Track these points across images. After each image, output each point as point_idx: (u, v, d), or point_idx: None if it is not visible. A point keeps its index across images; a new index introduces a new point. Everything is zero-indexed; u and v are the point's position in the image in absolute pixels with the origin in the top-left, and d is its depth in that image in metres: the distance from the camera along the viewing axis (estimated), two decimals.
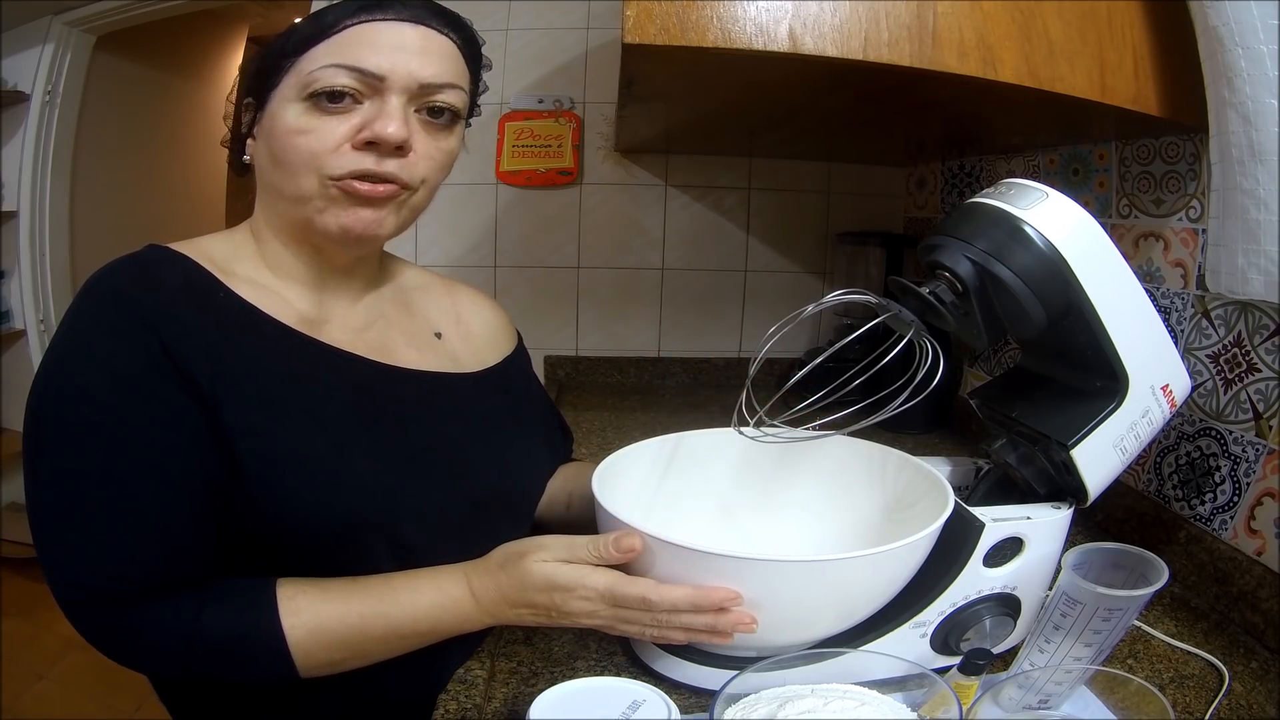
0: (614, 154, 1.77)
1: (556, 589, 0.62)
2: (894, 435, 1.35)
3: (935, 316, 0.65)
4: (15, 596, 2.22)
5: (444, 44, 0.68)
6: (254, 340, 0.66)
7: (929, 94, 0.91)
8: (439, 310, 0.85)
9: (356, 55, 0.63)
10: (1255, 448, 0.84)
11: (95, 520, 0.58)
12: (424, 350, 0.79)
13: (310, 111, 0.64)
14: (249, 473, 0.61)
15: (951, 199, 1.59)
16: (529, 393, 0.91)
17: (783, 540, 0.81)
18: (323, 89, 0.63)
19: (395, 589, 0.65)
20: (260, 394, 0.64)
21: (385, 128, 0.63)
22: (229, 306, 0.66)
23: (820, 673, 0.61)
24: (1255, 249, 0.70)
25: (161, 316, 0.60)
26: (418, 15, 0.66)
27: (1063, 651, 0.61)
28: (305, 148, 0.64)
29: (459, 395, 0.79)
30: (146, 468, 0.59)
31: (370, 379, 0.72)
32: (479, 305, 0.90)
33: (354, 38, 0.64)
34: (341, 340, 0.72)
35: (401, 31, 0.65)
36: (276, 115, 0.66)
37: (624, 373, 1.85)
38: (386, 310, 0.79)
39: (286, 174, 0.66)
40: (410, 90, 0.65)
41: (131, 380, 0.59)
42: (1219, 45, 0.70)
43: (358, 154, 0.64)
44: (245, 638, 0.61)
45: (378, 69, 0.64)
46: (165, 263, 0.66)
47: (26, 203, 2.56)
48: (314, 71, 0.63)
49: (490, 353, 0.86)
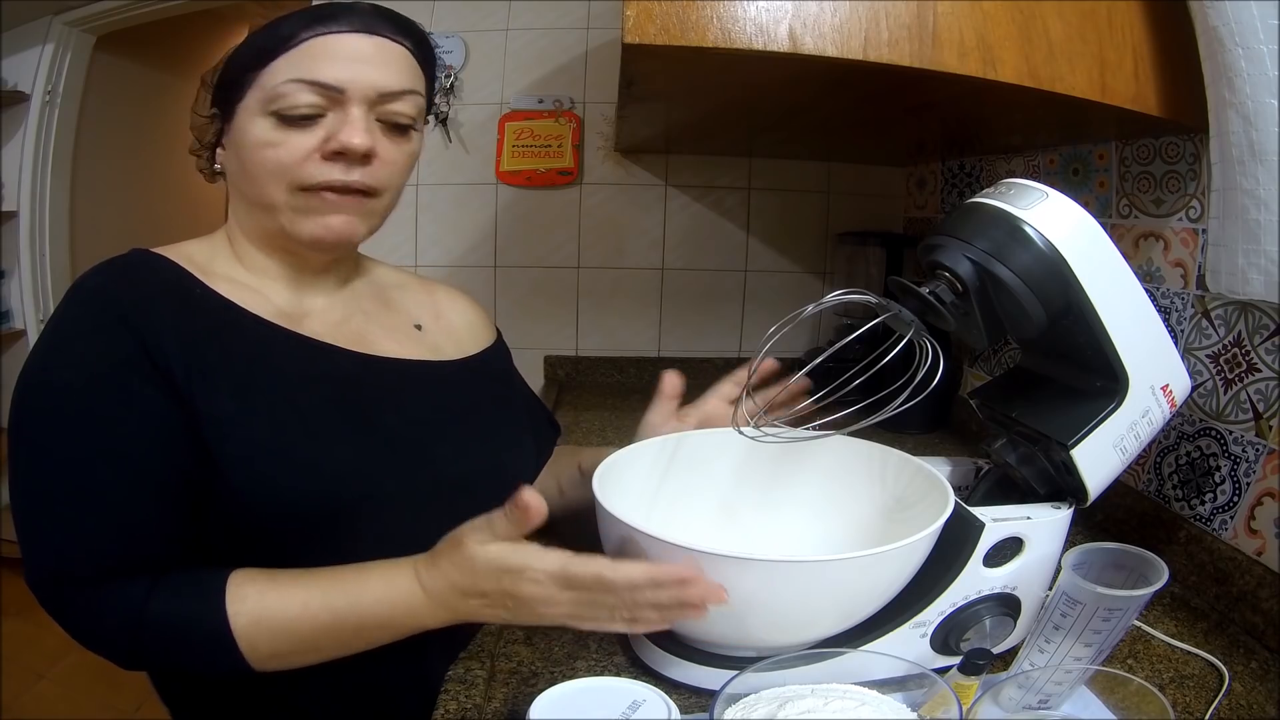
0: (614, 154, 1.77)
1: (504, 572, 0.59)
2: (894, 435, 1.35)
3: (935, 316, 0.65)
4: (15, 596, 2.22)
5: (398, 51, 0.70)
6: (232, 334, 0.68)
7: (929, 94, 0.91)
8: (418, 305, 0.86)
9: (316, 69, 0.66)
10: (1255, 448, 0.84)
11: (59, 505, 0.60)
12: (404, 341, 0.80)
13: (277, 126, 0.66)
14: (224, 461, 0.63)
15: (951, 199, 1.59)
16: (512, 383, 0.92)
17: (783, 540, 0.81)
18: (288, 107, 0.66)
19: (343, 579, 0.63)
20: (235, 384, 0.65)
21: (351, 138, 0.66)
22: (207, 303, 0.69)
23: (820, 673, 0.61)
24: (1255, 249, 0.70)
25: (139, 314, 0.63)
26: (370, 25, 0.68)
27: (1063, 651, 0.61)
28: (274, 160, 0.67)
29: (441, 381, 0.79)
30: (112, 459, 0.61)
31: (349, 368, 0.73)
32: (457, 301, 0.91)
33: (311, 50, 0.66)
34: (320, 332, 0.73)
35: (357, 42, 0.67)
36: (244, 129, 0.68)
37: (624, 373, 1.85)
38: (365, 305, 0.80)
39: (256, 185, 0.69)
40: (369, 99, 0.67)
41: (105, 376, 0.61)
42: (1219, 45, 0.70)
43: (326, 164, 0.67)
44: (189, 623, 0.60)
45: (337, 81, 0.66)
46: (145, 264, 0.69)
47: (26, 203, 2.57)
48: (277, 87, 0.66)
49: (471, 344, 0.87)
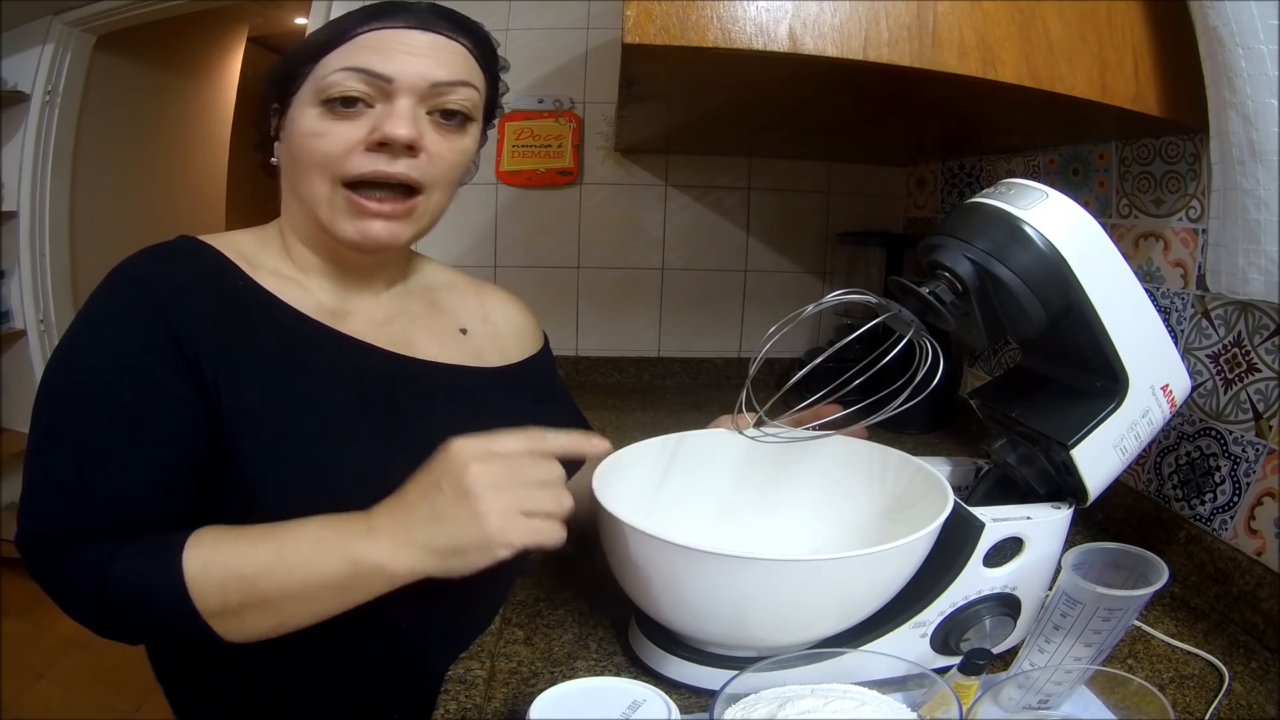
0: (614, 154, 1.77)
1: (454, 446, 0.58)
2: (894, 435, 1.35)
3: (935, 316, 0.65)
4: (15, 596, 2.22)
5: (453, 47, 0.69)
6: (267, 327, 0.68)
7: (929, 94, 0.91)
8: (466, 309, 0.86)
9: (367, 60, 0.66)
10: (1255, 448, 0.84)
11: (64, 478, 0.61)
12: (446, 345, 0.79)
13: (325, 116, 0.67)
14: (241, 454, 0.63)
15: (951, 199, 1.59)
16: (551, 393, 0.91)
17: (783, 540, 0.81)
18: (336, 94, 0.66)
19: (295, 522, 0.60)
20: (263, 378, 0.65)
21: (395, 128, 0.65)
22: (247, 295, 0.69)
23: (820, 673, 0.61)
24: (1255, 249, 0.70)
25: (172, 303, 0.63)
26: (426, 21, 0.68)
27: (1063, 651, 0.61)
28: (320, 150, 0.67)
29: (476, 389, 0.79)
30: (122, 442, 0.61)
31: (384, 369, 0.72)
32: (506, 305, 0.90)
33: (365, 44, 0.66)
34: (362, 332, 0.73)
35: (411, 37, 0.67)
36: (295, 119, 0.68)
37: (624, 373, 1.85)
38: (411, 306, 0.80)
39: (302, 176, 0.69)
40: (420, 91, 0.67)
41: (129, 361, 0.62)
42: (1219, 45, 0.70)
43: (370, 155, 0.67)
44: (149, 579, 0.59)
45: (385, 71, 0.66)
46: (187, 252, 0.69)
47: (26, 203, 2.57)
48: (327, 77, 0.66)
49: (515, 351, 0.86)
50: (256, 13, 3.83)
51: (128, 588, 0.59)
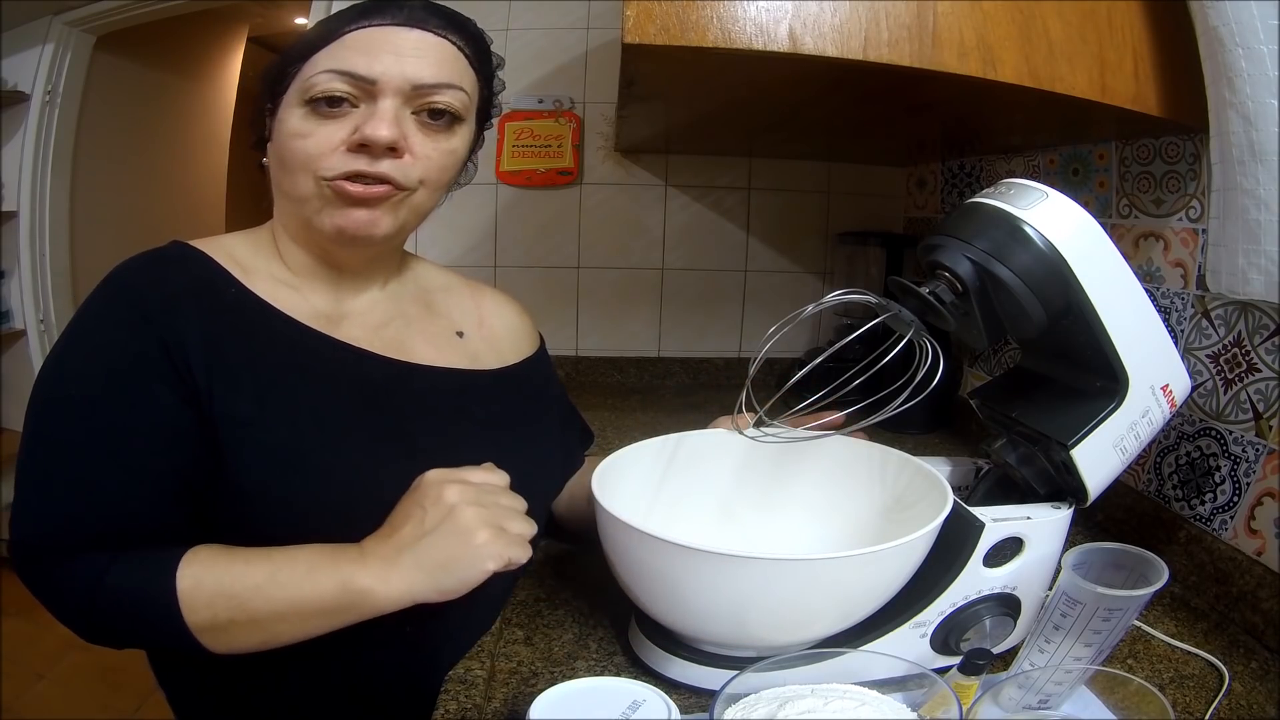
0: (614, 154, 1.77)
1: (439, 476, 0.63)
2: (894, 435, 1.35)
3: (935, 316, 0.65)
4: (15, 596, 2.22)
5: (441, 45, 0.69)
6: (261, 336, 0.68)
7: (929, 94, 0.91)
8: (462, 311, 0.85)
9: (351, 61, 0.65)
10: (1255, 448, 0.84)
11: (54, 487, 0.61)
12: (443, 348, 0.79)
13: (309, 116, 0.66)
14: (237, 464, 0.63)
15: (951, 199, 1.59)
16: (548, 395, 0.90)
17: (783, 540, 0.81)
18: (319, 95, 0.65)
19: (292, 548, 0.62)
20: (257, 387, 0.65)
21: (375, 130, 0.65)
22: (240, 302, 0.68)
23: (820, 673, 0.61)
24: (1255, 249, 0.70)
25: (164, 313, 0.63)
26: (415, 18, 0.67)
27: (1063, 651, 0.61)
28: (303, 150, 0.66)
29: (473, 392, 0.79)
30: (111, 451, 0.61)
31: (380, 375, 0.72)
32: (502, 307, 0.90)
33: (351, 43, 0.66)
34: (357, 337, 0.73)
35: (398, 35, 0.66)
36: (283, 120, 0.68)
37: (624, 373, 1.85)
38: (407, 309, 0.80)
39: (288, 176, 0.68)
40: (404, 92, 0.66)
41: (118, 370, 0.62)
42: (1219, 45, 0.70)
43: (351, 155, 0.66)
44: (141, 591, 0.59)
45: (369, 73, 0.65)
46: (179, 259, 0.69)
47: (26, 203, 2.57)
48: (313, 77, 0.66)
49: (511, 353, 0.86)
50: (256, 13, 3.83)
51: (118, 597, 0.59)
